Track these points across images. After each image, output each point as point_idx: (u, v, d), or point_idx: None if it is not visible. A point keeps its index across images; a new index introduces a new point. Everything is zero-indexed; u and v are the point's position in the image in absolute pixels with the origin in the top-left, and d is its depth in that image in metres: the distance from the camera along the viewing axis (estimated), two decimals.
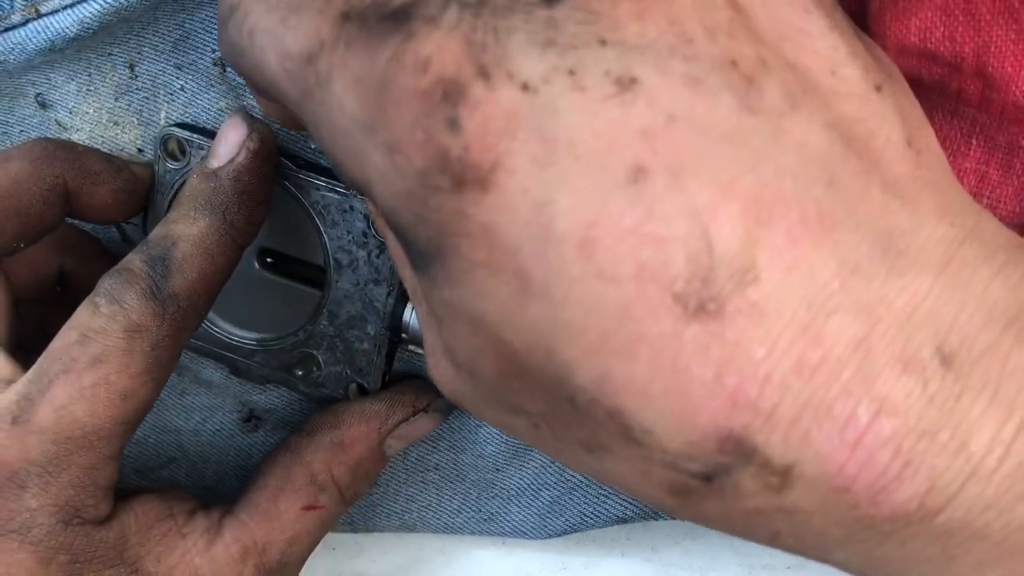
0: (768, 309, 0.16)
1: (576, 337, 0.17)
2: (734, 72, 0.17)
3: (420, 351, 0.33)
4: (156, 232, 0.28)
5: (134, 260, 0.28)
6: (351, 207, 0.31)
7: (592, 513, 0.37)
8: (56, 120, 0.34)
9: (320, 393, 0.34)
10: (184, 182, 0.30)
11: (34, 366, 0.27)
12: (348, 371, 0.33)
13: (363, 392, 0.34)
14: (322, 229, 0.32)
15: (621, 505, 0.37)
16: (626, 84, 0.17)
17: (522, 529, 0.38)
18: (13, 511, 0.27)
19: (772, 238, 0.16)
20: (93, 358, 0.27)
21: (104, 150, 0.33)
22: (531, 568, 0.39)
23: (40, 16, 0.30)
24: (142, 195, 0.33)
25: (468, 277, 0.18)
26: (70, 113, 0.33)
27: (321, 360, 0.34)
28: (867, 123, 0.18)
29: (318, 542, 0.33)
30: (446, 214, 0.17)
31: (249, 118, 0.29)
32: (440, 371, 0.21)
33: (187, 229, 0.28)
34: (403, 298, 0.32)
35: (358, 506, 0.38)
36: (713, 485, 0.18)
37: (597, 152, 0.16)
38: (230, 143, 0.29)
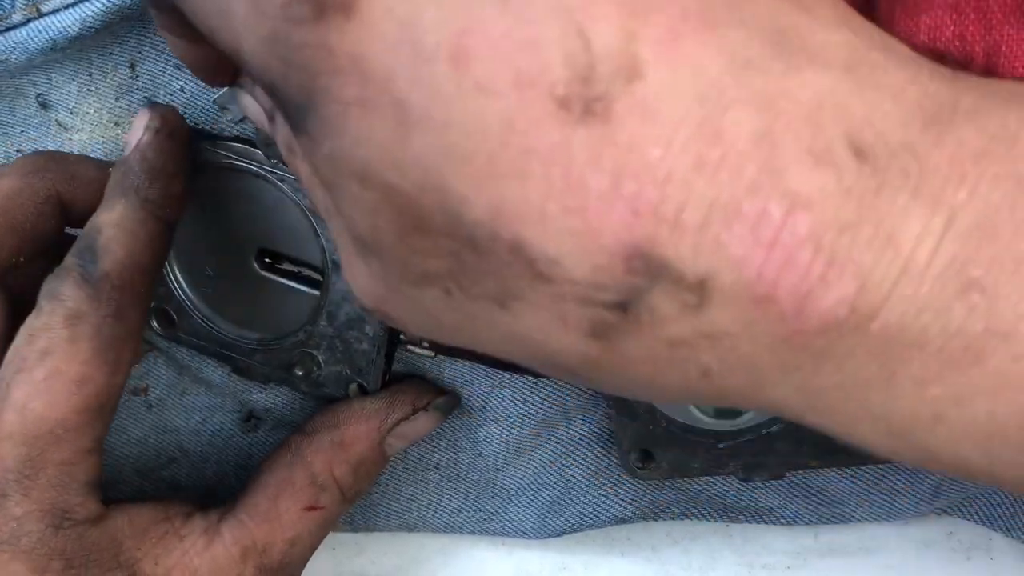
0: (658, 106, 0.16)
1: (464, 165, 0.16)
2: None
3: (419, 351, 0.33)
4: (84, 228, 0.29)
5: (67, 258, 0.28)
6: None
7: (591, 513, 0.37)
8: (57, 120, 0.34)
9: (321, 392, 0.34)
10: None
11: None
12: (348, 371, 0.33)
13: (363, 392, 0.34)
14: (319, 231, 0.32)
15: (621, 505, 0.37)
16: None
17: (521, 529, 0.38)
18: None
19: (652, 33, 0.16)
20: (41, 353, 0.27)
21: (105, 150, 0.34)
22: (531, 568, 0.39)
23: (41, 15, 0.30)
24: None
25: (344, 120, 0.17)
26: (71, 113, 0.33)
27: (321, 360, 0.34)
28: None
29: (320, 542, 0.33)
30: (311, 50, 0.17)
31: (152, 104, 0.30)
32: (356, 276, 0.20)
33: (107, 216, 0.29)
34: None
35: (358, 506, 0.38)
36: (630, 315, 0.17)
37: None
38: (135, 131, 0.30)
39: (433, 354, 0.33)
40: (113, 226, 0.28)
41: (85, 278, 0.28)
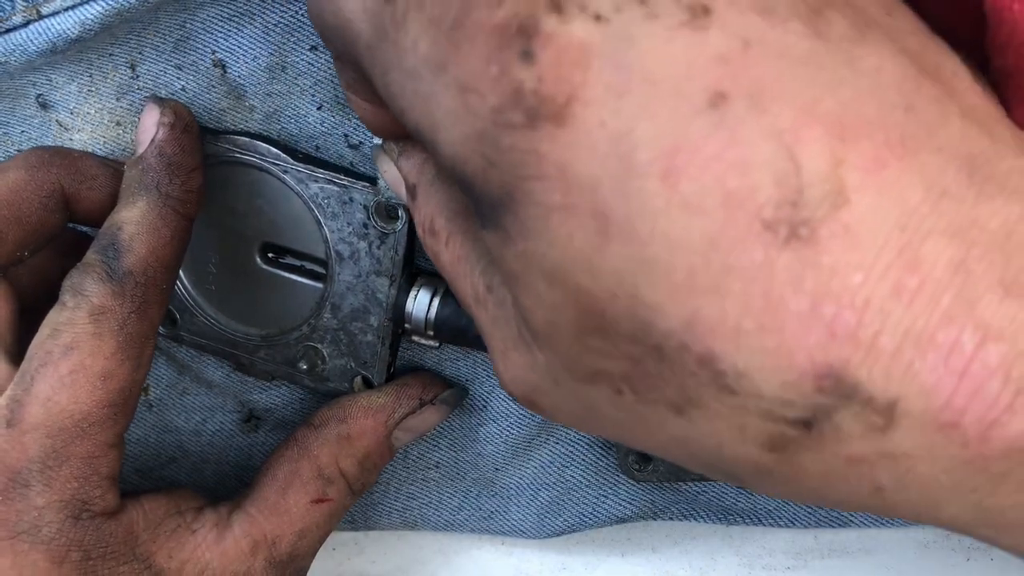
0: (862, 232, 0.16)
1: (662, 277, 0.17)
2: (801, 2, 0.17)
3: (424, 341, 0.33)
4: (103, 225, 0.29)
5: (88, 254, 0.29)
6: (351, 198, 0.31)
7: (591, 513, 0.37)
8: (57, 121, 0.34)
9: (325, 387, 0.34)
10: None
11: (19, 369, 0.28)
12: (352, 364, 0.34)
13: (368, 385, 0.34)
14: (322, 221, 0.32)
15: (620, 506, 0.37)
16: (698, 11, 0.16)
17: (521, 528, 0.38)
18: (21, 511, 0.27)
19: (859, 160, 0.16)
20: (65, 347, 0.28)
21: (106, 151, 0.34)
22: (531, 568, 0.40)
23: (41, 17, 0.30)
24: None
25: (543, 224, 0.17)
26: (71, 114, 0.33)
27: (325, 354, 0.34)
28: (934, 56, 0.18)
29: (328, 535, 0.33)
30: (519, 154, 0.17)
31: (159, 100, 0.31)
32: (512, 367, 0.21)
33: (128, 213, 0.29)
34: (405, 288, 0.32)
35: (359, 504, 0.38)
36: (813, 432, 0.17)
37: (674, 78, 0.16)
38: (146, 127, 0.30)
39: (438, 344, 0.33)
40: (135, 223, 0.29)
41: (109, 274, 0.28)
